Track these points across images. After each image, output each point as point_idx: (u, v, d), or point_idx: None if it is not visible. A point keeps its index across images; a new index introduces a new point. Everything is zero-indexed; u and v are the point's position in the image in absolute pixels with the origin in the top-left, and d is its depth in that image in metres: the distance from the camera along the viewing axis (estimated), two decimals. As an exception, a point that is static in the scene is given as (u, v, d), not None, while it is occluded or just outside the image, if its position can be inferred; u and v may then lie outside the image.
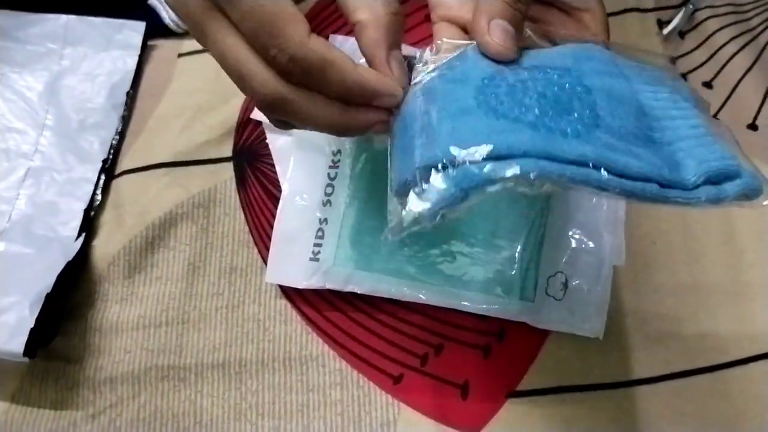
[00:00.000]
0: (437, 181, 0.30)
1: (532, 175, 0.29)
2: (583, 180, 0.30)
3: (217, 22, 0.33)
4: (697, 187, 0.32)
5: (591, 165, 0.30)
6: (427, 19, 0.58)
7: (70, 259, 0.51)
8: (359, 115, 0.36)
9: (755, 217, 0.55)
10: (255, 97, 0.35)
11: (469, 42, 0.37)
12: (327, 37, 0.56)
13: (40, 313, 0.47)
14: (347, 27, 0.58)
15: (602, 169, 0.30)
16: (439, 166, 0.30)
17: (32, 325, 0.47)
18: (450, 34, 0.40)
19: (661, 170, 0.31)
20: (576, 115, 0.32)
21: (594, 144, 0.31)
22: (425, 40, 0.58)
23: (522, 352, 0.51)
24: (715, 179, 0.32)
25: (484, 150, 0.29)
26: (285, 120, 0.37)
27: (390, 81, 0.36)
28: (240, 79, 0.34)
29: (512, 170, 0.29)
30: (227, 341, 0.52)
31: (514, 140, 0.30)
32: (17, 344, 0.47)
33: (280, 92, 0.34)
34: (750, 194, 0.33)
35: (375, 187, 0.51)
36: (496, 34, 0.35)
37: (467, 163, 0.30)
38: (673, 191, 0.31)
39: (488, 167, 0.29)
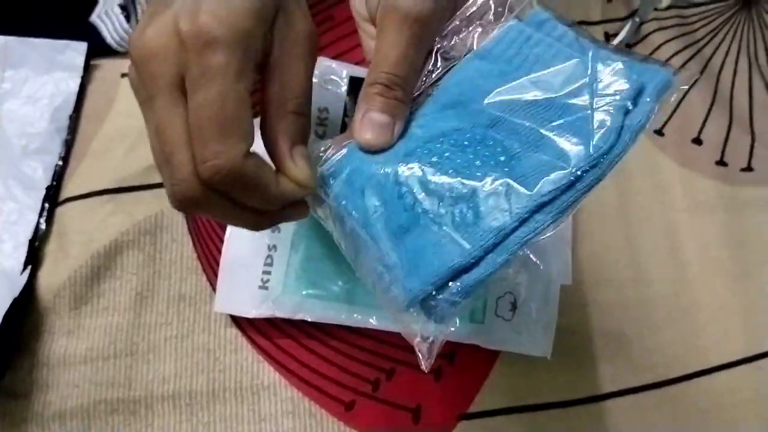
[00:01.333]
0: (431, 312, 0.34)
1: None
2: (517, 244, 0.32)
3: (173, 96, 0.32)
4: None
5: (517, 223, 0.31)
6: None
7: (16, 295, 0.50)
8: (271, 218, 0.37)
9: (699, 230, 0.56)
10: (171, 189, 0.33)
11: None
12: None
13: (-15, 354, 0.47)
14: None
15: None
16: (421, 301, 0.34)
17: (-22, 368, 0.47)
18: None
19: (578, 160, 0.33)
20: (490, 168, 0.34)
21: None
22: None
23: (473, 373, 0.52)
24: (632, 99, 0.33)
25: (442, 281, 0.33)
26: None
27: (305, 185, 0.35)
28: (165, 162, 0.33)
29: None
30: (177, 372, 0.52)
31: (452, 255, 0.33)
32: (-38, 387, 0.47)
33: (196, 195, 0.32)
34: (665, 89, 0.34)
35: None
36: (366, 131, 0.36)
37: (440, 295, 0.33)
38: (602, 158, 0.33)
39: (455, 290, 0.33)
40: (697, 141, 0.60)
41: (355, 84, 0.54)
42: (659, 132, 0.60)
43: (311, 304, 0.51)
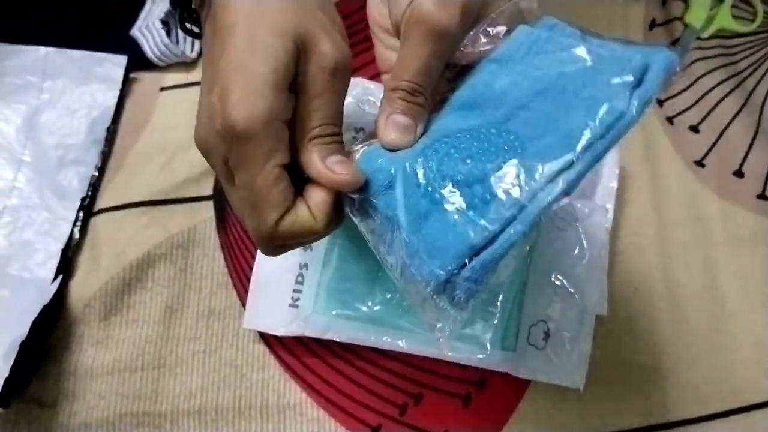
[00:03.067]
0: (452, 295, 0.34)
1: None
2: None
3: (228, 179, 0.37)
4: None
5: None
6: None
7: (46, 302, 0.51)
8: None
9: (738, 264, 0.56)
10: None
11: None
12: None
13: (14, 361, 0.48)
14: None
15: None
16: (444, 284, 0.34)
17: (7, 375, 0.48)
18: None
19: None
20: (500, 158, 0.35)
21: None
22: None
23: (502, 402, 0.52)
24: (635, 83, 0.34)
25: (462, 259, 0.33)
26: None
27: (349, 183, 0.37)
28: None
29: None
30: (204, 387, 0.53)
31: (469, 233, 0.34)
32: (-9, 394, 0.48)
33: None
34: (670, 68, 0.35)
35: (356, 233, 0.52)
36: (390, 131, 0.38)
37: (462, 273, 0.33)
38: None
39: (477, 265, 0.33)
40: (739, 173, 0.60)
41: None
42: (700, 163, 0.60)
43: (341, 324, 0.52)
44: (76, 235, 0.57)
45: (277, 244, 0.38)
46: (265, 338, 0.54)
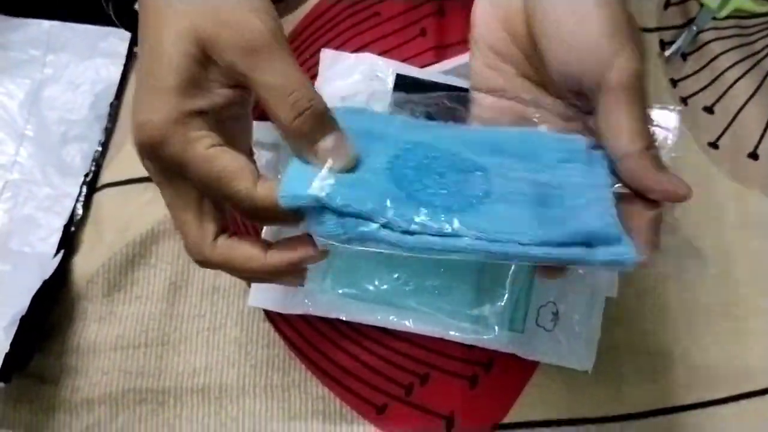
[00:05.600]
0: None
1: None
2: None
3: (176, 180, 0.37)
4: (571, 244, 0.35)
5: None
6: (422, 33, 0.60)
7: (47, 277, 0.52)
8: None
9: (752, 248, 0.56)
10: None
11: None
12: (318, 52, 0.57)
13: (15, 336, 0.49)
14: (337, 40, 0.60)
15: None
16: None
17: (7, 350, 0.48)
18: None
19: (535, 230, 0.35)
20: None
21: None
22: (418, 55, 0.59)
23: (510, 383, 0.52)
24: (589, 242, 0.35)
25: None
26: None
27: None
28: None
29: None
30: (208, 365, 0.53)
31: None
32: (-8, 368, 0.48)
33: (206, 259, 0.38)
34: (618, 265, 0.36)
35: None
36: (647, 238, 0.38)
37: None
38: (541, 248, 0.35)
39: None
40: (753, 156, 0.60)
41: (400, 81, 0.55)
42: (713, 145, 0.60)
43: (346, 303, 0.52)
44: (79, 211, 0.57)
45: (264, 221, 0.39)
46: (271, 316, 0.54)
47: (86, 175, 0.58)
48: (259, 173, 0.36)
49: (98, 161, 0.59)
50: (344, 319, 0.52)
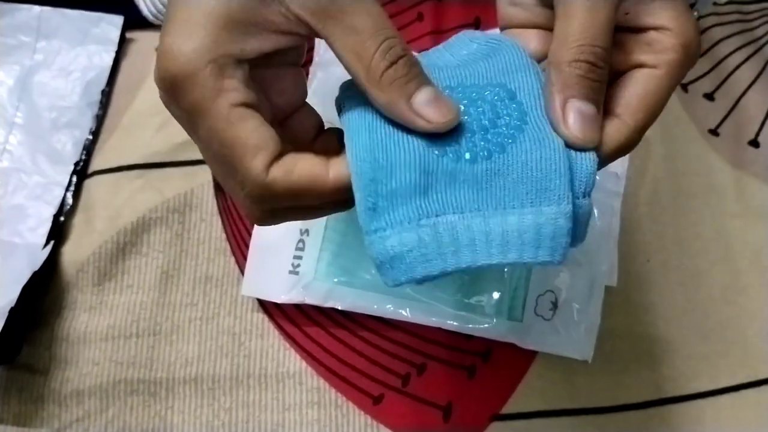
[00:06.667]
0: None
1: None
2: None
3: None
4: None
5: None
6: (419, 18, 0.59)
7: (36, 268, 0.51)
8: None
9: (753, 236, 0.56)
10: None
11: None
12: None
13: (3, 327, 0.48)
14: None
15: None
16: None
17: (-5, 341, 0.47)
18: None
19: None
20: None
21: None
22: (416, 40, 0.58)
23: (508, 373, 0.52)
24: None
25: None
26: None
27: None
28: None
29: None
30: (200, 355, 0.52)
31: None
32: (-21, 360, 0.48)
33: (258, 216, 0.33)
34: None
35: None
36: (572, 124, 0.30)
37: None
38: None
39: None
40: (754, 143, 0.59)
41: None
42: (714, 132, 0.59)
43: (342, 291, 0.51)
44: (69, 200, 0.56)
45: (269, 206, 0.31)
46: (264, 306, 0.53)
47: (77, 164, 0.57)
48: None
49: (89, 149, 0.58)
50: (340, 308, 0.51)
